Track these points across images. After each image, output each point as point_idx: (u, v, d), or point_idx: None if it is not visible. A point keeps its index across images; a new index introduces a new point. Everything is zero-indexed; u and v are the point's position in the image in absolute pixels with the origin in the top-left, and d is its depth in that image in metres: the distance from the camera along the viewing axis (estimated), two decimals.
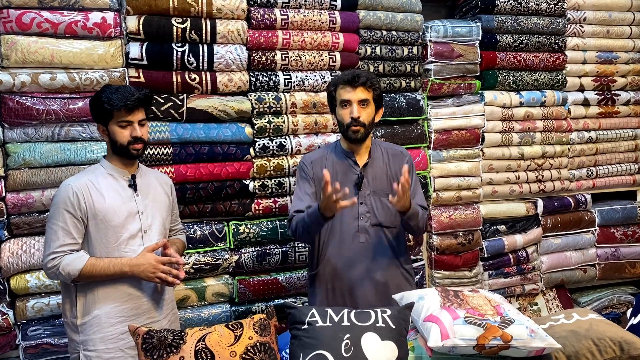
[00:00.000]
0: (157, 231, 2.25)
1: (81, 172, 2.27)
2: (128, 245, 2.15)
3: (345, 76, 2.40)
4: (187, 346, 1.72)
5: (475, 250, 3.62)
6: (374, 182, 2.46)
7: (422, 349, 1.94)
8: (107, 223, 2.11)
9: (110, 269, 2.08)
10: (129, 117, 2.13)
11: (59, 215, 2.07)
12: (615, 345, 1.96)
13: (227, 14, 2.96)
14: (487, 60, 3.58)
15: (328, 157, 2.53)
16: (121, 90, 2.14)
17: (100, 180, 2.15)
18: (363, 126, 2.37)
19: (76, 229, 2.09)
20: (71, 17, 2.68)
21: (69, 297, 2.15)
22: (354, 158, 2.48)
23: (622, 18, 3.88)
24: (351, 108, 2.37)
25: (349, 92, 2.37)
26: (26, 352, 2.73)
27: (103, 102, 2.11)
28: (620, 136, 3.98)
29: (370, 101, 2.40)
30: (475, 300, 2.01)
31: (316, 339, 1.77)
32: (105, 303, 2.11)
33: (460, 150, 3.58)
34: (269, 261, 3.11)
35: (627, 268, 3.98)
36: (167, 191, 2.38)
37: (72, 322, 2.13)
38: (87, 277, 2.06)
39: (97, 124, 2.19)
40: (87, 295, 2.11)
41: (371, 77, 2.40)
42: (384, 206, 2.43)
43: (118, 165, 2.20)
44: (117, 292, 2.13)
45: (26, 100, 2.65)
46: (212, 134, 2.97)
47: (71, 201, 2.07)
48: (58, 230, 2.07)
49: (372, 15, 3.28)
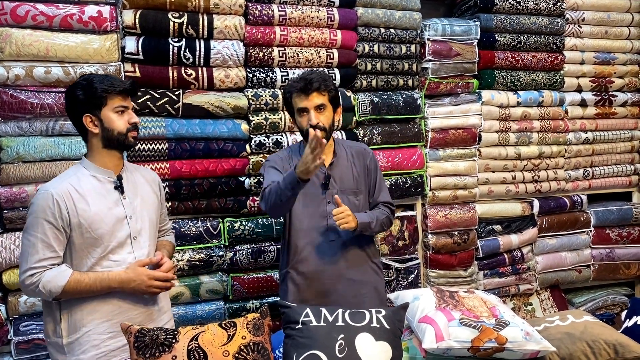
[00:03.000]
0: (147, 236, 2.07)
1: (61, 175, 2.02)
2: (116, 254, 1.96)
3: (298, 84, 2.35)
4: (180, 345, 1.70)
5: (470, 250, 3.62)
6: (340, 181, 2.45)
7: (417, 350, 1.93)
8: (93, 232, 1.90)
9: (97, 285, 1.89)
10: (125, 103, 1.98)
11: (37, 225, 1.86)
12: (609, 348, 1.96)
13: (225, 9, 2.94)
14: (485, 59, 3.57)
15: (293, 157, 2.49)
16: (110, 76, 2.01)
17: (82, 184, 1.94)
18: (324, 130, 2.33)
19: (57, 241, 1.87)
20: (67, 10, 2.66)
21: (51, 315, 1.94)
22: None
23: (621, 19, 3.88)
24: (309, 115, 2.34)
25: (304, 100, 2.34)
26: (18, 347, 2.71)
27: (96, 88, 1.91)
28: (617, 137, 3.98)
29: (326, 104, 2.36)
30: (471, 302, 2.00)
31: (310, 338, 1.76)
32: (93, 318, 1.91)
33: (457, 149, 3.58)
34: (264, 258, 3.10)
35: (621, 269, 3.99)
36: (155, 190, 2.18)
37: (56, 343, 1.93)
38: (71, 294, 1.87)
39: (84, 115, 1.93)
40: (73, 312, 1.91)
41: (324, 80, 2.35)
42: (351, 204, 2.42)
43: (103, 165, 1.99)
44: (107, 305, 1.94)
45: (20, 93, 2.63)
46: (208, 130, 2.96)
47: (51, 210, 1.86)
48: (37, 242, 1.85)
49: (370, 13, 3.26)
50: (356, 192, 2.47)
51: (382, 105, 3.30)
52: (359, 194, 2.48)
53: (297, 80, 2.37)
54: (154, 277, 1.96)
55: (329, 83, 2.38)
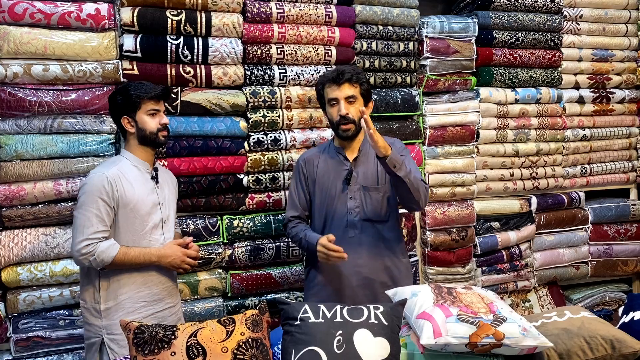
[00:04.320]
0: (172, 222, 2.43)
1: (105, 162, 2.41)
2: (152, 234, 2.30)
3: (330, 74, 2.40)
4: (179, 341, 1.71)
5: (468, 247, 3.62)
6: (364, 177, 2.46)
7: (415, 346, 1.94)
8: (136, 212, 2.24)
9: (141, 258, 2.22)
10: (157, 106, 2.31)
11: (92, 202, 2.16)
12: (606, 344, 1.97)
13: (223, 6, 2.94)
14: (483, 56, 3.57)
15: (321, 155, 2.56)
16: (145, 83, 2.33)
17: (127, 171, 2.27)
18: (353, 123, 2.38)
19: (108, 217, 2.19)
20: (64, 7, 2.66)
21: (90, 282, 2.24)
22: (344, 154, 2.50)
23: (618, 16, 3.88)
24: (339, 106, 2.37)
25: (335, 90, 2.38)
26: (17, 344, 2.72)
27: (132, 93, 2.25)
28: (615, 134, 3.99)
29: (357, 97, 2.39)
30: (469, 298, 2.01)
31: (309, 335, 1.77)
32: (129, 288, 2.23)
33: (455, 146, 3.58)
34: (263, 256, 3.10)
35: (619, 265, 4.00)
36: (175, 186, 2.55)
37: (93, 308, 2.22)
38: (118, 265, 2.18)
39: (122, 117, 2.29)
40: (111, 281, 2.22)
41: (356, 72, 2.39)
42: (373, 201, 2.43)
43: (141, 157, 2.33)
44: (141, 278, 2.26)
45: (18, 91, 2.63)
46: (206, 128, 2.96)
47: (106, 190, 2.17)
48: (92, 217, 2.15)
49: (368, 10, 3.27)
50: (379, 189, 2.46)
51: (380, 103, 3.30)
52: (382, 190, 2.46)
53: (331, 72, 2.42)
54: (187, 254, 2.33)
55: (361, 76, 2.41)
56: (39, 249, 2.69)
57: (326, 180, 2.50)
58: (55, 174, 2.72)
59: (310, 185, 2.55)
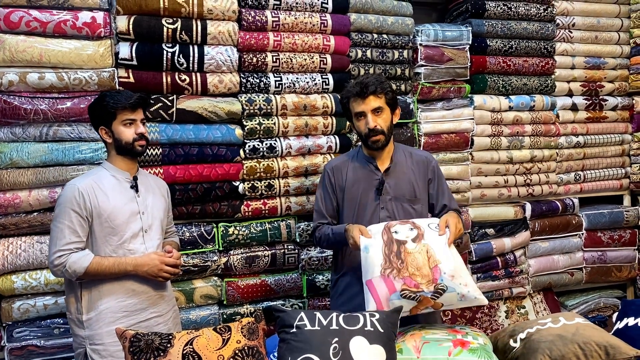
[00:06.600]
0: (157, 231, 2.37)
1: (85, 173, 2.46)
2: (130, 243, 2.26)
3: (355, 88, 2.39)
4: (175, 350, 1.71)
5: (464, 254, 3.63)
6: (396, 188, 2.46)
7: (411, 352, 1.95)
8: (111, 222, 2.22)
9: (115, 268, 2.18)
10: (133, 116, 2.26)
11: (65, 214, 2.16)
12: (601, 350, 1.98)
13: (218, 15, 2.95)
14: (477, 64, 3.60)
15: (350, 163, 2.54)
16: (121, 92, 2.30)
17: (104, 181, 2.26)
18: (382, 133, 2.38)
19: (82, 228, 2.17)
20: (60, 16, 2.66)
21: (73, 293, 2.23)
22: (375, 163, 2.49)
23: (610, 24, 3.93)
24: (366, 119, 2.37)
25: (361, 104, 2.38)
26: (11, 353, 2.70)
27: (107, 103, 2.23)
28: (608, 141, 4.03)
29: (383, 107, 2.39)
30: (415, 262, 2.07)
31: (305, 342, 1.77)
32: (110, 298, 2.21)
33: (449, 153, 3.59)
34: (258, 263, 3.10)
35: (613, 272, 4.02)
36: (163, 194, 2.49)
37: (77, 318, 2.22)
38: (92, 275, 2.15)
39: (100, 127, 2.28)
40: (92, 291, 2.20)
41: (380, 82, 2.38)
42: (405, 212, 2.43)
43: (120, 167, 2.31)
44: (122, 287, 2.23)
45: (14, 99, 2.63)
46: (202, 135, 2.96)
47: (77, 201, 2.16)
48: (64, 228, 2.15)
49: (363, 19, 3.29)
50: (412, 200, 2.46)
51: None
52: (415, 202, 2.47)
53: (354, 85, 2.40)
54: (164, 263, 2.26)
55: (385, 85, 2.40)
56: (33, 257, 2.68)
57: (356, 189, 2.48)
58: (51, 182, 2.71)
59: (338, 193, 2.53)
